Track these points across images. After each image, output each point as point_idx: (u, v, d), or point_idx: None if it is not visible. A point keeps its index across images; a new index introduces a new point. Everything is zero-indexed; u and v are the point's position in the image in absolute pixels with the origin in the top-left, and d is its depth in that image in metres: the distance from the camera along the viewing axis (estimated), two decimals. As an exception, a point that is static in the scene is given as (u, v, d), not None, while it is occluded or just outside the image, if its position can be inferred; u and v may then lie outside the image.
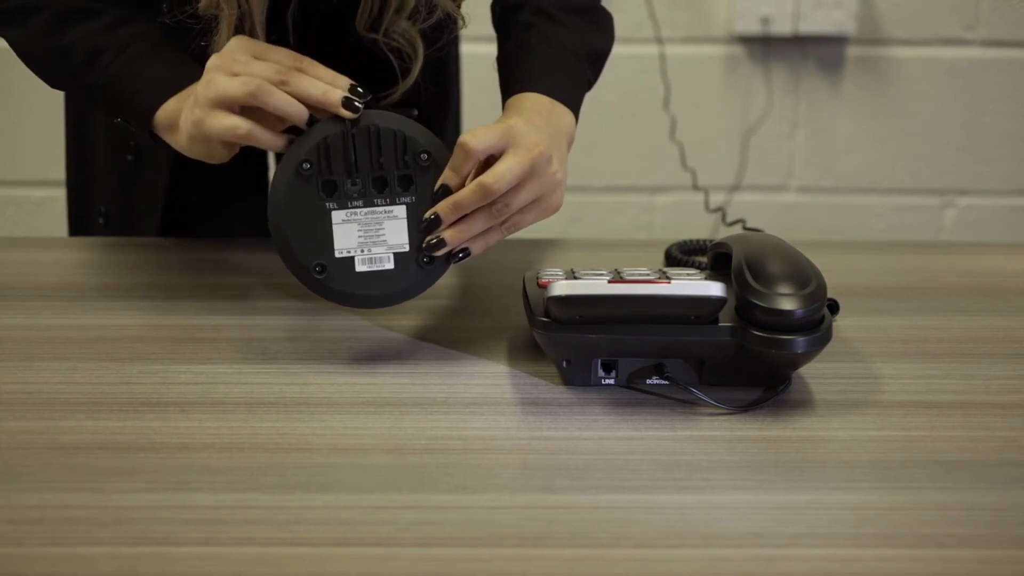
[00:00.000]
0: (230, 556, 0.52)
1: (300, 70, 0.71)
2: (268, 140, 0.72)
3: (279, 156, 1.08)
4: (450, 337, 0.78)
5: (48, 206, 1.83)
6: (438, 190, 0.70)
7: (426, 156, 0.70)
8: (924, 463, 0.61)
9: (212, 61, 0.72)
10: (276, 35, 0.83)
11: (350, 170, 0.70)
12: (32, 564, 0.51)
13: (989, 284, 0.91)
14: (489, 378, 0.71)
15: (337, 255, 0.71)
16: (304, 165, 0.70)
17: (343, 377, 0.71)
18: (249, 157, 1.03)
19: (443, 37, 0.86)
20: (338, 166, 0.70)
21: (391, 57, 0.85)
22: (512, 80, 0.84)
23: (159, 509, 0.55)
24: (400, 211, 0.71)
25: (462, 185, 0.70)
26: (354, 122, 0.70)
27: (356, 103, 0.70)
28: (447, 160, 0.71)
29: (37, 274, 0.91)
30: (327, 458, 0.61)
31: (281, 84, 0.70)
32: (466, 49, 1.13)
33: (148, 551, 0.52)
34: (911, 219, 1.87)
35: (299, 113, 0.70)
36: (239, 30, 0.78)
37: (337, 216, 0.70)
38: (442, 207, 0.70)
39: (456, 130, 1.13)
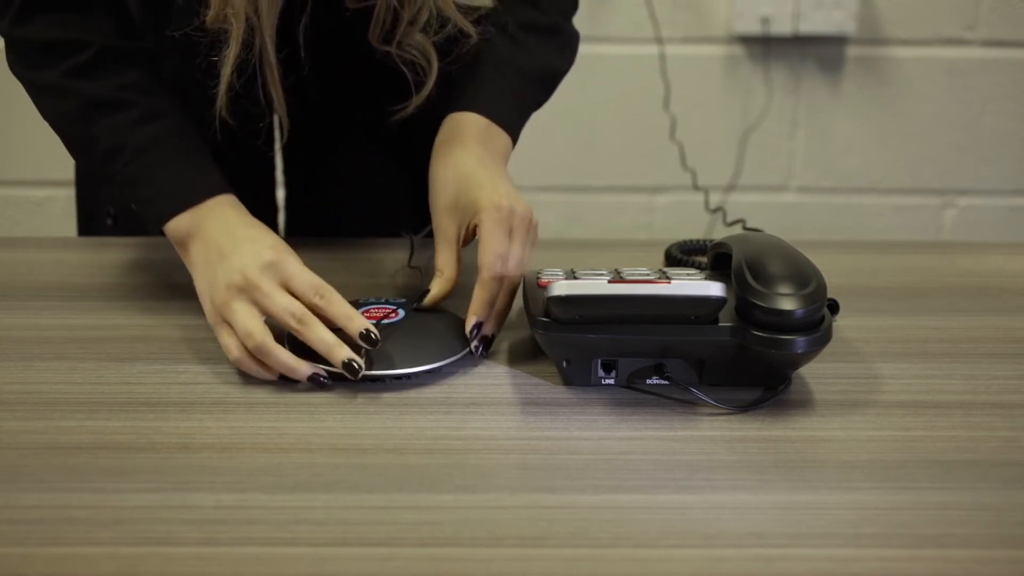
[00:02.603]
0: (230, 556, 0.52)
1: (319, 307, 0.71)
2: (258, 375, 0.71)
3: (286, 158, 1.08)
4: (450, 337, 0.78)
5: (48, 206, 1.83)
6: (472, 331, 0.74)
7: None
8: (924, 463, 0.61)
9: (236, 278, 0.71)
10: (288, 49, 0.82)
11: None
12: (32, 564, 0.51)
13: (989, 284, 0.91)
14: (489, 378, 0.71)
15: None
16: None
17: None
18: (256, 160, 1.03)
19: (455, 50, 0.86)
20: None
21: (405, 71, 0.84)
22: (453, 97, 0.85)
23: (159, 509, 0.55)
24: None
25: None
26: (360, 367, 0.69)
27: (356, 366, 0.68)
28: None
29: (37, 274, 0.91)
30: (327, 458, 0.61)
31: (295, 331, 0.70)
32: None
33: (148, 551, 0.52)
34: (911, 219, 1.87)
35: (299, 375, 0.69)
36: (248, 45, 0.77)
37: None
38: (479, 311, 0.73)
39: None
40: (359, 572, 0.51)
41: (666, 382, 0.69)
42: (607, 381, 0.70)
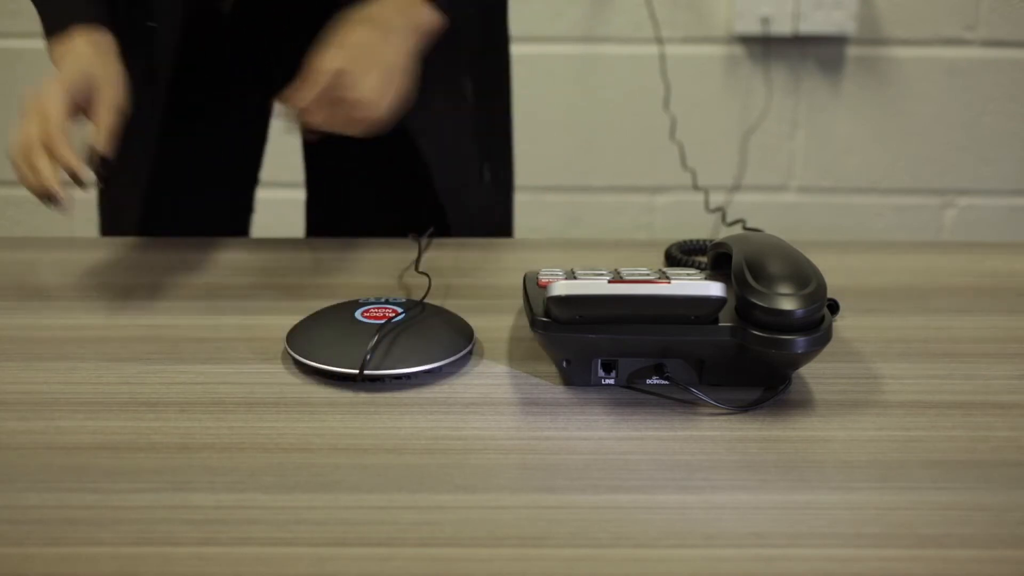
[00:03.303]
0: (230, 556, 0.52)
1: (48, 144, 0.76)
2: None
3: (309, 166, 1.09)
4: (450, 337, 0.78)
5: (48, 206, 1.83)
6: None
7: None
8: (924, 463, 0.61)
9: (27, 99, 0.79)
10: None
11: None
12: (32, 564, 0.51)
13: (989, 284, 0.91)
14: (489, 378, 0.71)
15: None
16: None
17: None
18: (240, 159, 1.03)
19: None
20: None
21: None
22: None
23: (159, 509, 0.55)
24: None
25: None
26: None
27: (51, 196, 0.76)
28: None
29: (37, 274, 0.91)
30: (327, 458, 0.61)
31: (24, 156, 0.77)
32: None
33: (148, 551, 0.52)
34: (911, 219, 1.87)
35: (37, 190, 0.77)
36: None
37: None
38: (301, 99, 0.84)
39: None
40: (359, 572, 0.51)
41: (666, 382, 0.69)
42: (607, 381, 0.70)
